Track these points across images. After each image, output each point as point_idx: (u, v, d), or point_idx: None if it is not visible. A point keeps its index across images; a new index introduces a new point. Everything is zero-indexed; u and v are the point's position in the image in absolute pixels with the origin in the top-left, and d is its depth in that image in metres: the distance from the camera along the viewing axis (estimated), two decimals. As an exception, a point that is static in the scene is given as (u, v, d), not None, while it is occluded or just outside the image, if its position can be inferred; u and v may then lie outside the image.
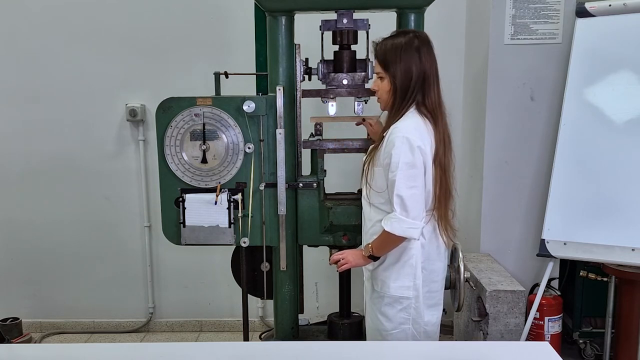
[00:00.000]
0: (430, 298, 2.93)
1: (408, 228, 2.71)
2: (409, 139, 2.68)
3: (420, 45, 2.77)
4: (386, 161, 2.73)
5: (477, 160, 4.34)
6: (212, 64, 4.03)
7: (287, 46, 3.33)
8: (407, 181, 2.68)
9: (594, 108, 3.78)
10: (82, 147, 4.84)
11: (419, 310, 2.87)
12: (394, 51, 2.78)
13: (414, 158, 2.68)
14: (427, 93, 2.77)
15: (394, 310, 2.88)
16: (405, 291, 2.85)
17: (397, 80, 2.78)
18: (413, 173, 2.69)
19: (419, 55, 2.75)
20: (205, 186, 3.36)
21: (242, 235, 3.40)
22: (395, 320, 2.89)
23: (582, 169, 3.76)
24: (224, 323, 5.10)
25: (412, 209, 2.70)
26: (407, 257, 2.84)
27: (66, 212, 4.93)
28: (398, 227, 2.71)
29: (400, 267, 2.85)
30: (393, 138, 2.70)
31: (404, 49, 2.76)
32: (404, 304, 2.86)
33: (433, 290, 2.94)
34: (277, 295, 3.57)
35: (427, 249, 2.86)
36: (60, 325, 5.10)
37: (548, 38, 4.10)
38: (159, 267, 5.04)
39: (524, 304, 3.70)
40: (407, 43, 2.77)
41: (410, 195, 2.69)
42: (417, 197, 2.71)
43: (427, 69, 2.76)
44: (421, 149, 2.69)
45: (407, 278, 2.85)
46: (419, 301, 2.87)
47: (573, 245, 3.71)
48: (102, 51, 4.72)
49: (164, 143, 3.32)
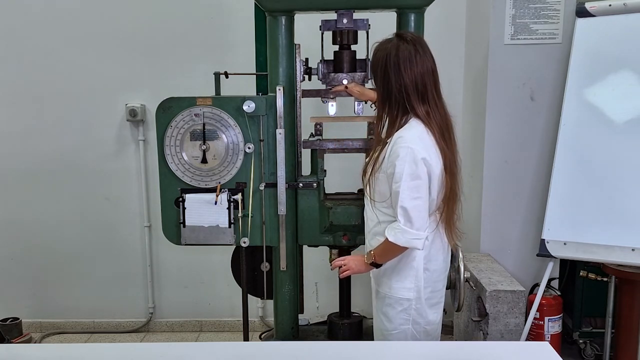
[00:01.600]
0: (433, 298, 2.93)
1: (412, 239, 2.70)
2: (413, 150, 2.65)
3: (408, 55, 2.70)
4: (390, 170, 2.71)
5: (477, 160, 4.34)
6: (212, 63, 4.02)
7: (287, 46, 3.33)
8: (410, 192, 2.66)
9: (594, 108, 3.78)
10: (82, 147, 4.85)
11: (420, 310, 2.87)
12: (377, 64, 2.76)
13: (417, 169, 2.65)
14: (420, 102, 2.72)
15: (395, 310, 2.88)
16: (406, 292, 2.85)
17: (382, 93, 2.78)
18: (417, 184, 2.67)
19: (403, 67, 2.69)
20: (205, 186, 3.36)
21: (242, 235, 3.40)
22: (395, 321, 2.88)
23: (582, 168, 3.76)
24: (224, 323, 5.10)
25: (416, 219, 2.68)
26: (409, 258, 2.83)
27: (66, 212, 4.94)
28: (402, 238, 2.70)
29: (402, 268, 2.85)
30: (397, 148, 2.68)
31: (387, 63, 2.72)
32: (405, 305, 2.86)
33: (436, 290, 2.93)
34: (277, 295, 3.57)
35: (430, 250, 2.85)
36: (60, 325, 5.10)
37: (548, 38, 4.09)
38: (159, 267, 5.04)
39: (524, 304, 3.70)
40: (390, 56, 2.71)
41: (414, 206, 2.67)
42: (421, 208, 2.69)
43: (414, 80, 2.70)
44: (425, 160, 2.67)
45: (409, 279, 2.84)
46: (420, 302, 2.86)
47: (573, 245, 3.71)
48: (102, 51, 4.72)
49: (164, 143, 3.32)
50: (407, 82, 2.70)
